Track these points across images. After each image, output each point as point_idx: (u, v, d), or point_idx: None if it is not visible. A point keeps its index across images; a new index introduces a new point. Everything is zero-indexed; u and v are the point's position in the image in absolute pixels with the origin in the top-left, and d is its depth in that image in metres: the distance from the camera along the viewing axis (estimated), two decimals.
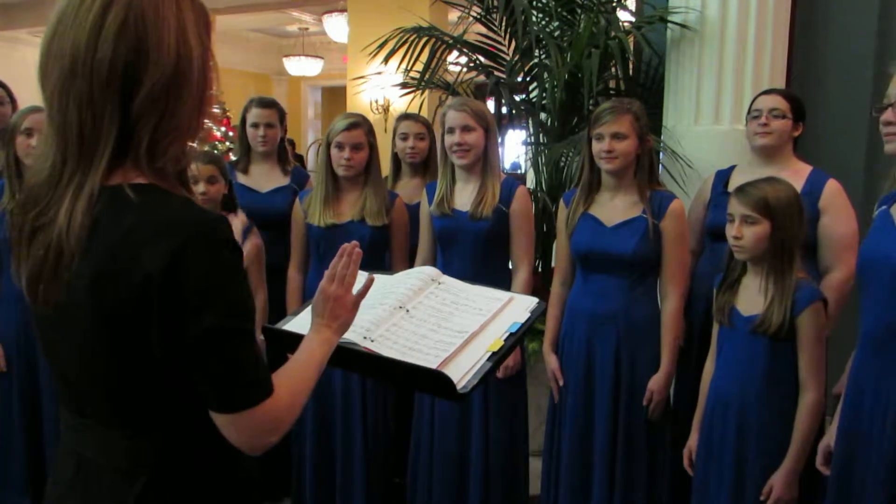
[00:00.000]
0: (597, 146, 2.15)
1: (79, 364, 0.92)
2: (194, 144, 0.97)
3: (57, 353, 0.95)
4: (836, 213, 2.19)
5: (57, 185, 0.88)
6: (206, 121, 0.95)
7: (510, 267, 2.42)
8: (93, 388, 0.93)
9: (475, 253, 2.35)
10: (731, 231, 1.85)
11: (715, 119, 2.89)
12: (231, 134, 6.66)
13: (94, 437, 0.95)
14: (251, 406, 0.89)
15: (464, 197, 2.37)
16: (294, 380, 0.99)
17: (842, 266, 2.16)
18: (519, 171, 3.57)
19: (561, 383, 2.29)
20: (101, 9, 0.85)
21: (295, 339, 1.22)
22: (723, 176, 2.42)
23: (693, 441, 2.00)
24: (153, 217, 0.86)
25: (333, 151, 2.43)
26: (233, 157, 3.23)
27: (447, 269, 2.20)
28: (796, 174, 2.21)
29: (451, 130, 2.32)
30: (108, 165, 0.87)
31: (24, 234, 0.91)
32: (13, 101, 2.86)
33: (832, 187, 2.22)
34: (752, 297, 1.86)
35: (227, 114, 6.94)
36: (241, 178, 2.83)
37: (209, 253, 0.86)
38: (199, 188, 2.28)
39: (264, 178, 2.87)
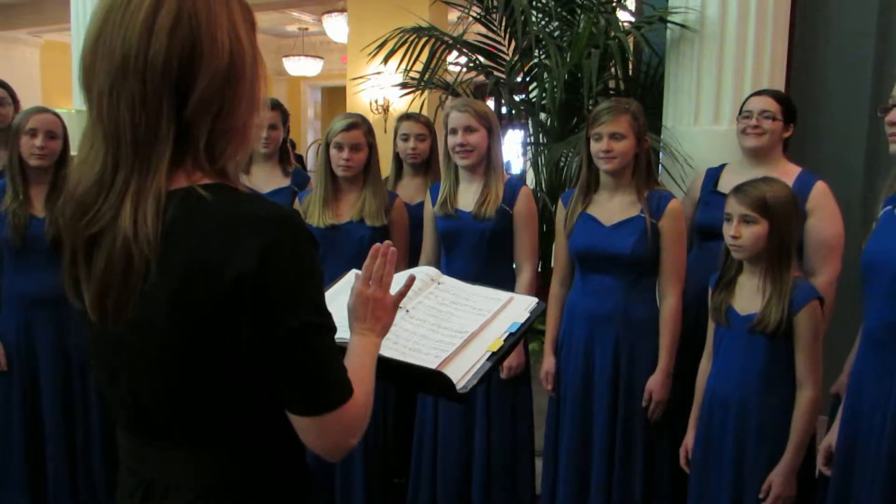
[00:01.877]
0: (595, 146, 2.15)
1: (153, 382, 0.89)
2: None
3: (126, 374, 0.91)
4: (823, 215, 2.19)
5: (109, 190, 0.84)
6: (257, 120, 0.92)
7: (514, 267, 2.42)
8: (168, 407, 0.89)
9: (479, 253, 2.35)
10: (728, 230, 1.86)
11: (714, 119, 2.89)
12: None
13: (166, 458, 0.91)
14: (337, 407, 0.88)
15: (467, 197, 2.37)
16: (361, 382, 0.96)
17: (827, 269, 2.16)
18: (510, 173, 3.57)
19: (550, 388, 2.29)
20: (153, 6, 0.82)
21: None
22: (713, 174, 2.43)
23: (690, 439, 2.00)
24: (235, 214, 0.84)
25: (332, 152, 2.43)
26: None
27: (451, 270, 2.21)
28: (786, 175, 2.21)
29: (454, 131, 2.32)
30: (169, 168, 0.84)
31: (80, 249, 0.86)
32: (15, 101, 2.86)
33: (820, 189, 2.22)
34: (749, 297, 1.86)
35: None
36: (241, 179, 2.83)
37: (299, 248, 0.85)
38: None
39: (265, 180, 2.86)
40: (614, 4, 3.41)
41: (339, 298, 1.35)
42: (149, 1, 0.83)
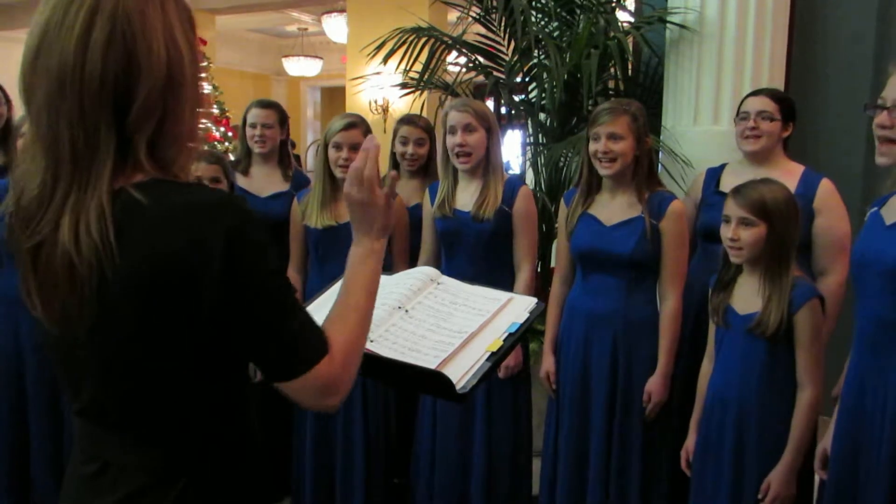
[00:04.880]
0: (593, 146, 2.15)
1: (109, 381, 0.90)
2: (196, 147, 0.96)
3: (81, 372, 0.92)
4: (831, 215, 2.18)
5: (49, 203, 0.85)
6: (203, 121, 0.94)
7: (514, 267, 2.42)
8: (123, 403, 0.91)
9: (478, 254, 2.34)
10: (727, 233, 1.85)
11: (714, 119, 2.89)
12: (230, 134, 6.66)
13: (121, 444, 0.93)
14: (306, 372, 0.90)
15: (466, 197, 2.37)
16: (346, 329, 0.97)
17: (837, 268, 2.15)
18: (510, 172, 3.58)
19: (553, 387, 2.29)
20: (86, 21, 0.83)
21: None
22: (714, 175, 2.41)
23: (691, 442, 2.00)
24: (181, 206, 0.85)
25: (331, 152, 2.42)
26: (231, 157, 3.22)
27: (450, 270, 2.21)
28: (789, 174, 2.20)
29: (453, 131, 2.31)
30: (111, 177, 0.85)
31: (27, 259, 0.88)
32: (9, 101, 2.85)
33: (826, 187, 2.21)
34: (748, 297, 1.86)
35: (227, 114, 6.93)
36: (240, 181, 2.82)
37: (255, 227, 0.87)
38: None
39: (263, 182, 2.85)
40: (613, 5, 3.42)
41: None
42: (82, 18, 0.83)
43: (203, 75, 0.92)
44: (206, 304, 0.85)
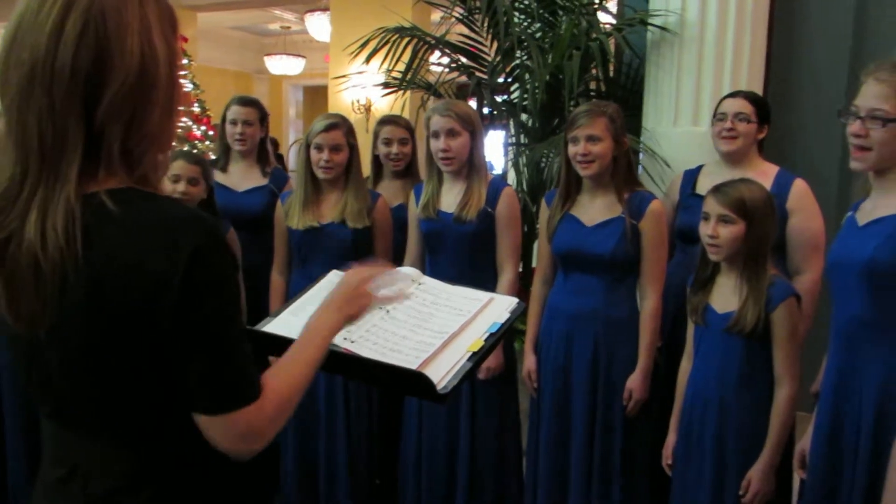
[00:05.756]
0: (572, 149, 2.16)
1: (73, 383, 0.89)
2: (170, 153, 0.95)
3: (45, 371, 0.91)
4: (805, 214, 2.22)
5: (17, 198, 0.84)
6: (178, 125, 0.93)
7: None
8: (88, 405, 0.90)
9: (462, 255, 2.35)
10: (706, 230, 1.87)
11: (694, 120, 2.92)
12: (211, 133, 6.61)
13: (89, 447, 0.92)
14: (231, 410, 0.88)
15: (450, 199, 2.37)
16: (286, 382, 0.95)
17: (812, 267, 2.18)
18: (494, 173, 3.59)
19: (535, 385, 2.31)
20: (61, 14, 0.82)
21: (273, 341, 1.21)
22: (690, 177, 2.44)
23: (671, 440, 2.02)
24: (148, 219, 0.85)
25: (312, 153, 2.41)
26: (212, 156, 3.21)
27: (435, 271, 2.20)
28: (763, 175, 2.24)
29: (437, 135, 2.30)
30: (80, 177, 0.84)
31: None
32: None
33: (800, 188, 2.25)
34: (726, 296, 1.88)
35: (208, 112, 6.88)
36: (218, 177, 2.81)
37: (220, 252, 0.87)
38: (180, 187, 2.26)
39: (241, 178, 2.85)
40: (595, 6, 3.44)
41: (317, 298, 1.34)
42: (57, 10, 0.82)
43: (183, 73, 0.89)
44: (167, 315, 0.84)
